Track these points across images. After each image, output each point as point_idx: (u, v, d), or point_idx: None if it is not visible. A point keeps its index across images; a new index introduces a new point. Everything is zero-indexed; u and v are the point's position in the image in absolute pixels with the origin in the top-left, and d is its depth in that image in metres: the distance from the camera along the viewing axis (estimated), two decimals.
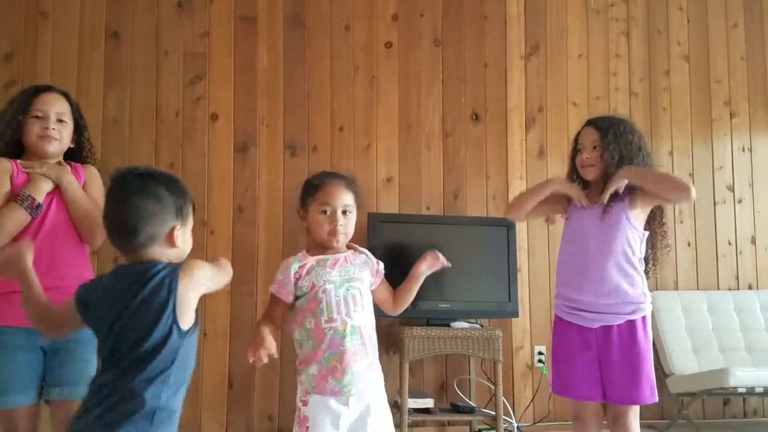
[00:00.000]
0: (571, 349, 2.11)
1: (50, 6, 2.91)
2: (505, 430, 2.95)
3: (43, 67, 2.87)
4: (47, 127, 1.95)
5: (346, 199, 1.91)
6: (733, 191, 3.68)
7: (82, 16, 2.94)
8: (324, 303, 1.83)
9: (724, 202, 3.64)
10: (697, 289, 3.56)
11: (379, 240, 2.98)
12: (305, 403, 1.82)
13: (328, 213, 1.89)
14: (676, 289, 3.53)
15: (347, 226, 1.92)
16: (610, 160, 2.07)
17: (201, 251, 2.92)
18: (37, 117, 1.96)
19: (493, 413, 2.88)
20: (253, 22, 3.12)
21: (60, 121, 1.99)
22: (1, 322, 1.84)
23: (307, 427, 1.79)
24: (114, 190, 1.37)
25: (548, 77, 3.48)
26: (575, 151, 2.20)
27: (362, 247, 1.97)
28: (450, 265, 2.00)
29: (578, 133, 2.21)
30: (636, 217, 2.08)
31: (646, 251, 2.12)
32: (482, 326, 3.02)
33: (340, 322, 1.82)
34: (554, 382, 2.18)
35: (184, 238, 1.40)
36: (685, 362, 3.27)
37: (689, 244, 3.59)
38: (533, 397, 3.24)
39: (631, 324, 2.05)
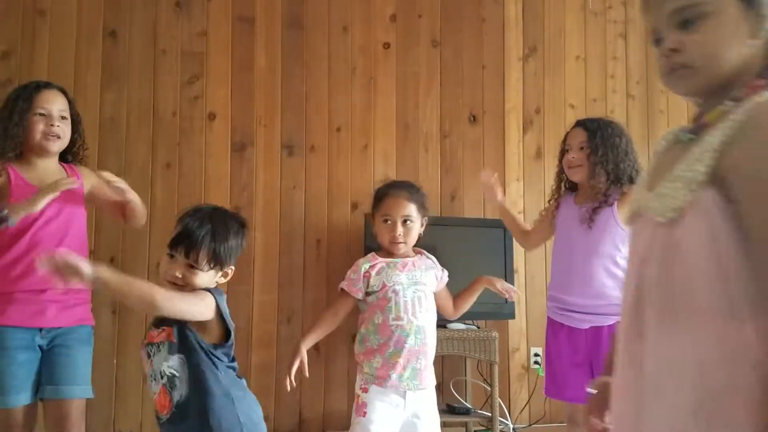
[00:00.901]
0: (562, 351, 2.14)
1: (48, 4, 2.90)
2: (500, 431, 2.96)
3: (40, 66, 2.85)
4: (52, 125, 1.95)
5: (406, 210, 2.09)
6: None
7: (79, 15, 2.93)
8: (393, 302, 2.02)
9: None
10: None
11: (376, 240, 2.97)
12: (365, 390, 2.00)
13: (388, 223, 2.08)
14: None
15: (407, 235, 2.10)
16: (596, 163, 2.09)
17: None
18: (41, 115, 1.95)
19: (489, 414, 2.89)
20: (251, 23, 3.12)
21: (62, 118, 1.99)
22: (1, 321, 1.84)
23: (365, 412, 1.97)
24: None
25: (546, 79, 3.49)
26: (563, 152, 2.22)
27: (360, 250, 2.02)
28: (512, 298, 2.26)
29: (567, 134, 2.24)
30: (623, 217, 2.08)
31: None
32: (478, 327, 3.02)
33: (406, 321, 2.00)
34: (547, 384, 2.20)
35: None
36: None
37: None
38: (529, 399, 3.24)
39: None
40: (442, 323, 2.96)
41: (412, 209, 2.10)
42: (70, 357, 1.95)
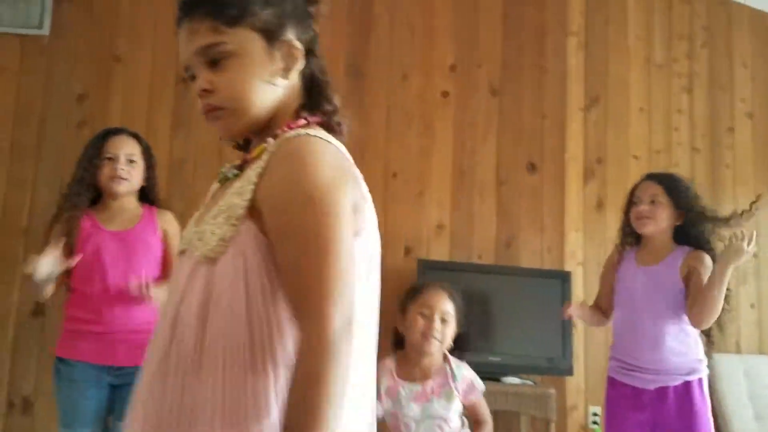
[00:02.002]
0: (625, 412, 2.05)
1: (124, 51, 3.05)
2: None
3: (114, 109, 2.99)
4: (116, 168, 2.04)
5: (446, 306, 1.97)
6: None
7: (153, 62, 3.07)
8: None
9: None
10: (761, 353, 3.39)
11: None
12: None
13: (425, 316, 1.94)
14: (738, 352, 3.37)
15: (444, 333, 1.95)
16: (676, 217, 2.03)
17: None
18: (109, 159, 2.05)
19: None
20: None
21: (130, 161, 2.08)
22: (73, 356, 1.92)
23: None
24: None
25: (608, 130, 3.44)
26: (630, 204, 2.16)
27: None
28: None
29: (635, 186, 2.18)
30: (683, 275, 2.03)
31: None
32: (534, 383, 2.93)
33: None
34: None
35: None
36: (746, 430, 3.10)
37: (753, 306, 3.44)
38: None
39: (688, 385, 1.99)
40: (495, 377, 2.89)
41: (451, 308, 1.99)
42: None
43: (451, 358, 2.04)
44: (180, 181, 3.01)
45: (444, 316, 1.96)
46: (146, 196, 2.18)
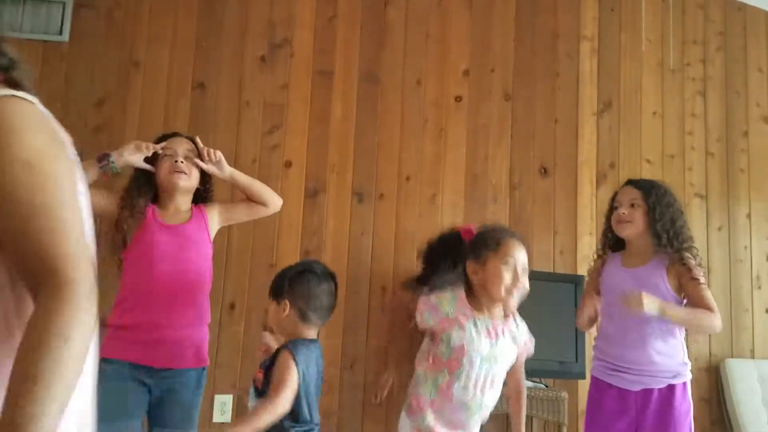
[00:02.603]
0: (609, 413, 2.08)
1: (142, 56, 3.10)
2: None
3: (132, 114, 3.04)
4: (176, 161, 2.08)
5: (525, 258, 1.93)
6: None
7: (171, 67, 3.12)
8: (465, 372, 1.84)
9: None
10: None
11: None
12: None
13: (509, 265, 1.87)
14: (753, 357, 3.36)
15: (526, 285, 1.91)
16: (655, 220, 2.07)
17: (267, 291, 2.98)
18: (168, 156, 2.09)
19: None
20: (329, 77, 3.25)
21: (188, 158, 2.12)
22: (107, 354, 1.90)
23: None
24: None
25: (621, 134, 3.45)
26: (611, 209, 2.21)
27: None
28: None
29: (616, 192, 2.24)
30: (675, 286, 2.06)
31: None
32: (547, 386, 2.94)
33: (471, 397, 1.84)
34: None
35: None
36: None
37: (767, 311, 3.43)
38: None
39: (672, 388, 2.03)
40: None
41: (527, 260, 1.94)
42: (179, 401, 2.00)
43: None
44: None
45: (525, 268, 1.92)
46: (201, 198, 2.21)
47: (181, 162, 2.09)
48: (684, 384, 2.05)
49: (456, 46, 3.39)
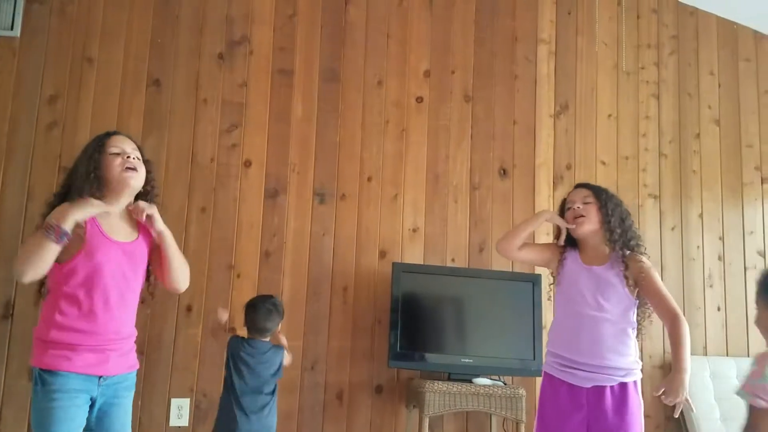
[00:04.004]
0: (562, 410, 2.09)
1: (96, 52, 3.03)
2: None
3: (85, 110, 2.97)
4: (129, 157, 2.02)
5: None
6: (764, 256, 3.63)
7: (125, 63, 3.05)
8: None
9: (755, 267, 3.58)
10: (727, 355, 3.47)
11: (402, 290, 2.98)
12: None
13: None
14: (705, 354, 3.45)
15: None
16: (608, 217, 2.12)
17: (226, 294, 2.95)
18: (116, 153, 2.02)
19: None
20: (290, 75, 3.22)
21: (136, 158, 2.06)
22: (67, 368, 1.86)
23: None
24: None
25: (577, 136, 3.51)
26: (563, 211, 2.25)
27: (387, 298, 1.98)
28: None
29: (567, 194, 2.29)
30: (630, 287, 2.11)
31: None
32: (505, 384, 2.96)
33: None
34: None
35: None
36: (713, 431, 3.16)
37: (719, 309, 3.52)
38: None
39: (624, 386, 2.06)
40: (467, 378, 2.93)
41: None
42: (122, 407, 1.99)
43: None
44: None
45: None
46: (144, 198, 2.13)
47: (132, 158, 2.04)
48: (635, 382, 2.09)
49: (417, 47, 3.40)
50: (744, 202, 3.67)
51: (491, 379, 2.96)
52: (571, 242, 2.26)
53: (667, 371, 3.38)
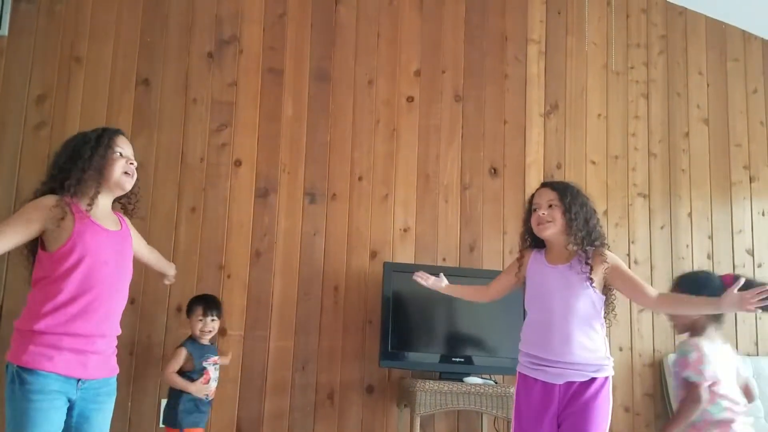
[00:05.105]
0: (536, 408, 2.12)
1: (84, 52, 3.01)
2: None
3: (73, 110, 2.95)
4: (131, 163, 2.06)
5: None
6: (752, 255, 3.65)
7: (114, 63, 3.04)
8: None
9: (744, 266, 3.61)
10: None
11: (393, 290, 2.98)
12: None
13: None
14: None
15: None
16: (572, 219, 2.14)
17: (217, 294, 2.93)
18: (120, 155, 2.04)
19: None
20: (280, 75, 3.21)
21: (133, 163, 2.10)
22: (48, 368, 1.83)
23: None
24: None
25: (567, 135, 3.52)
26: (529, 212, 2.26)
27: (377, 298, 1.98)
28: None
29: (532, 195, 2.29)
30: (597, 282, 2.15)
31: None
32: (496, 383, 2.97)
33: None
34: None
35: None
36: None
37: None
38: None
39: (594, 382, 2.08)
40: (458, 377, 2.93)
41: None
42: (102, 412, 1.97)
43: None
44: (141, 183, 2.95)
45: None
46: (124, 209, 2.17)
47: (132, 164, 2.08)
48: (606, 378, 2.11)
49: (407, 46, 3.40)
50: (733, 201, 3.69)
51: (482, 378, 2.96)
52: (538, 242, 2.28)
53: (657, 369, 3.40)
